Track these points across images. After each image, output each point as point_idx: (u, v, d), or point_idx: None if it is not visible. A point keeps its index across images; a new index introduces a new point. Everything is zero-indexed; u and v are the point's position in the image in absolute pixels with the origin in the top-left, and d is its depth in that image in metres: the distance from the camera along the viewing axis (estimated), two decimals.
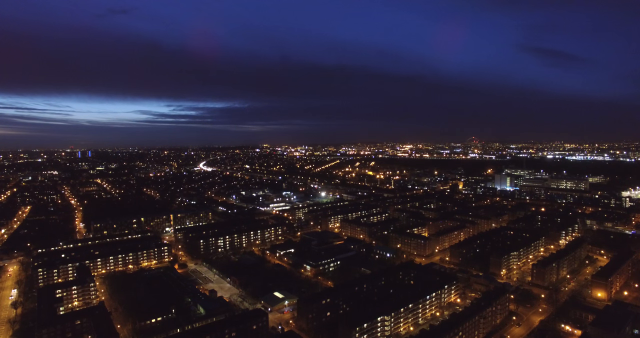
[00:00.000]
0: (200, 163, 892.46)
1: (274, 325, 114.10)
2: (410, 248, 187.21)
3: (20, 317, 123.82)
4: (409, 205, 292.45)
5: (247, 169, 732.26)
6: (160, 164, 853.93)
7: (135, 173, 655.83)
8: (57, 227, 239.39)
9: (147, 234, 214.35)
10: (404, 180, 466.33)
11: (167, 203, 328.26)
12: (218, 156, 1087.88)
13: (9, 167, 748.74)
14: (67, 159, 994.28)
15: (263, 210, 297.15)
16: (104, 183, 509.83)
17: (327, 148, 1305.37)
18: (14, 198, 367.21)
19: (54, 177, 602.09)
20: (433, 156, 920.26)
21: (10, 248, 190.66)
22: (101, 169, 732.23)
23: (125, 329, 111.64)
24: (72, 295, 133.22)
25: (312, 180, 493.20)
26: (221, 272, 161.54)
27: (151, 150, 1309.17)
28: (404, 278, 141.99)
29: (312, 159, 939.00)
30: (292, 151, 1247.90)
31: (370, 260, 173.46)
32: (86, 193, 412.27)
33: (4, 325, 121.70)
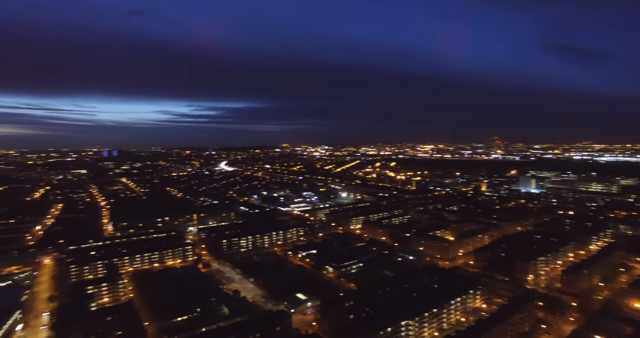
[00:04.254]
0: (221, 163, 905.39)
1: (296, 326, 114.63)
2: (433, 251, 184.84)
3: (56, 310, 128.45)
4: (430, 207, 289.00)
5: (267, 168, 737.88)
6: (182, 163, 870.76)
7: (159, 172, 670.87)
8: (86, 225, 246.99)
9: (172, 233, 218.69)
10: (425, 181, 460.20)
11: (190, 202, 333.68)
12: (239, 156, 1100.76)
13: (42, 166, 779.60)
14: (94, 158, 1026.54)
15: (284, 210, 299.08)
16: (129, 182, 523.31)
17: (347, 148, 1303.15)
18: (46, 196, 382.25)
19: (82, 176, 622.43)
20: (454, 157, 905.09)
21: (45, 245, 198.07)
22: (126, 168, 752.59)
23: (152, 327, 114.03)
24: (102, 291, 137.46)
25: (332, 181, 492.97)
26: (244, 272, 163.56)
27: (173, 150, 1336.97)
28: (428, 281, 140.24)
29: (332, 159, 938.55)
30: (312, 151, 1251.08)
31: (392, 262, 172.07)
32: (112, 192, 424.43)
33: (42, 316, 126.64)
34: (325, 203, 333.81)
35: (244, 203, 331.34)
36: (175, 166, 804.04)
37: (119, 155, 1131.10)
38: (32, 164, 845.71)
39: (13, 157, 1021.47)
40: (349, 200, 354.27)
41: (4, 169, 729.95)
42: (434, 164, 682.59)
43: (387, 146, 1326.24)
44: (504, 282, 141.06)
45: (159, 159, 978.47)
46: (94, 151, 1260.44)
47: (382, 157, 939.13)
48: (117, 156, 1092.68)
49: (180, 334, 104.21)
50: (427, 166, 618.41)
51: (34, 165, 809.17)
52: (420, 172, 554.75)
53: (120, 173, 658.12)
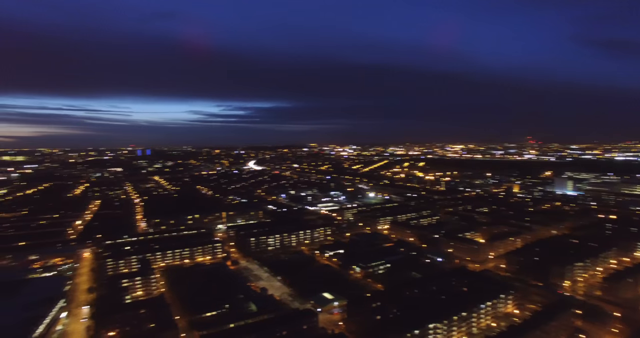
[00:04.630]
0: (249, 162, 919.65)
1: (323, 325, 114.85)
2: (462, 254, 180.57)
3: (94, 301, 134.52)
4: (460, 208, 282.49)
5: (295, 168, 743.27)
6: (212, 162, 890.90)
7: (190, 171, 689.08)
8: (121, 221, 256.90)
9: (202, 230, 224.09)
10: (454, 182, 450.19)
11: (219, 200, 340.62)
12: (267, 155, 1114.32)
13: (82, 164, 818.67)
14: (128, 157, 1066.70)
15: (311, 209, 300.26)
16: (161, 180, 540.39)
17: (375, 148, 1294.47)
18: (86, 193, 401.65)
19: (118, 173, 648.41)
20: (485, 157, 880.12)
21: (85, 239, 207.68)
22: (159, 166, 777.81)
23: (182, 321, 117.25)
24: (136, 285, 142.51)
25: (360, 181, 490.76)
26: (271, 270, 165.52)
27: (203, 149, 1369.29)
28: (457, 284, 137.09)
29: (359, 158, 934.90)
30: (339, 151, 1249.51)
31: (420, 264, 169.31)
32: (146, 189, 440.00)
33: (82, 307, 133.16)
34: (352, 203, 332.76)
35: (272, 202, 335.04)
36: (205, 165, 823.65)
37: (152, 153, 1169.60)
38: (73, 162, 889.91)
39: (57, 156, 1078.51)
40: (377, 200, 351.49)
41: (49, 166, 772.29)
42: (463, 164, 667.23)
43: (415, 146, 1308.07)
44: (537, 288, 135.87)
45: (190, 158, 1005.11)
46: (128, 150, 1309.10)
47: (411, 157, 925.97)
48: (150, 155, 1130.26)
49: (209, 329, 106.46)
50: (456, 166, 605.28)
51: (74, 163, 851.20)
52: (449, 172, 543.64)
53: (153, 172, 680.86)
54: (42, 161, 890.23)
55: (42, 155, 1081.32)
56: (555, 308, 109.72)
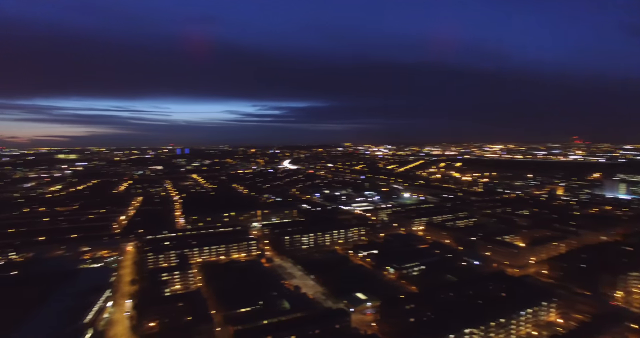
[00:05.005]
0: (284, 161, 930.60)
1: (355, 325, 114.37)
2: (501, 258, 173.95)
3: (136, 293, 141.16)
4: (498, 210, 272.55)
5: (329, 167, 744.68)
6: (247, 161, 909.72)
7: (226, 169, 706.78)
8: (161, 217, 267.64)
9: (237, 228, 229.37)
10: (493, 183, 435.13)
11: (255, 199, 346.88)
12: (301, 154, 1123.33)
13: (125, 162, 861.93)
14: (168, 155, 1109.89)
15: (345, 209, 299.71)
16: (199, 178, 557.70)
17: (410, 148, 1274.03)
18: (129, 190, 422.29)
19: (158, 171, 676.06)
20: (526, 157, 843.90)
21: (128, 233, 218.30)
22: (196, 165, 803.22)
23: (217, 315, 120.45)
24: (174, 279, 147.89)
25: (394, 181, 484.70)
26: (305, 268, 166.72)
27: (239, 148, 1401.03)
28: (495, 289, 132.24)
29: (394, 158, 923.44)
30: (374, 150, 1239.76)
31: (456, 266, 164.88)
32: (184, 187, 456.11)
33: (126, 297, 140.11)
34: (387, 203, 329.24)
35: (306, 201, 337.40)
36: (241, 164, 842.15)
37: (190, 152, 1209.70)
38: (118, 160, 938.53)
39: (104, 154, 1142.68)
40: (412, 200, 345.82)
41: (97, 164, 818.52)
42: (503, 164, 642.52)
43: (452, 146, 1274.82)
44: (585, 297, 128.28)
45: (226, 157, 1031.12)
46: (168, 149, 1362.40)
47: (447, 157, 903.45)
48: (188, 153, 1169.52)
49: (243, 324, 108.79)
50: (495, 167, 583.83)
51: (119, 161, 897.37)
52: (487, 173, 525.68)
53: (191, 170, 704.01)
54: (91, 159, 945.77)
55: (91, 154, 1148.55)
56: (606, 320, 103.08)
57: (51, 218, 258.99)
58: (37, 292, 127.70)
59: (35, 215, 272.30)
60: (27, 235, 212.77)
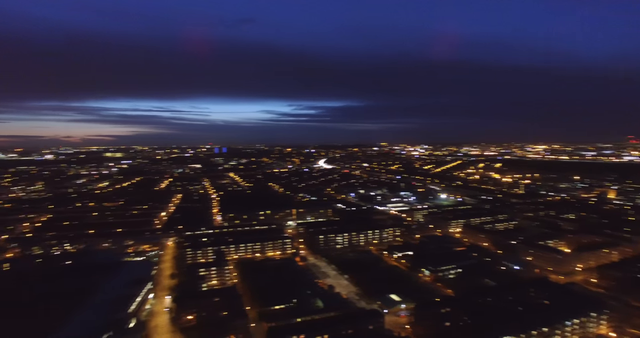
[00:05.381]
0: (320, 160, 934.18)
1: (389, 327, 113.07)
2: (543, 263, 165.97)
3: (175, 287, 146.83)
4: (541, 214, 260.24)
5: (365, 167, 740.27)
6: (283, 160, 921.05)
7: (262, 168, 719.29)
8: (200, 214, 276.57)
9: (272, 226, 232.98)
10: (535, 185, 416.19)
11: (290, 198, 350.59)
12: (337, 154, 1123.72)
13: (166, 160, 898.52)
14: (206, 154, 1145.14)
15: (381, 209, 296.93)
16: (236, 176, 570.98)
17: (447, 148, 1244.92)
18: (169, 187, 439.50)
19: (197, 170, 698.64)
20: (572, 158, 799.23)
21: (168, 229, 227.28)
22: (233, 163, 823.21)
23: (252, 311, 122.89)
24: (212, 275, 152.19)
25: (431, 181, 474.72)
26: (339, 268, 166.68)
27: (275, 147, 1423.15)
28: (536, 296, 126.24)
29: (431, 158, 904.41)
30: (410, 150, 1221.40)
31: (494, 271, 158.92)
32: (222, 185, 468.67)
33: (166, 290, 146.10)
34: (423, 204, 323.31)
35: (341, 200, 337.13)
36: (277, 163, 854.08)
37: (228, 151, 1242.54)
38: (160, 158, 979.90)
39: (147, 153, 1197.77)
40: (449, 202, 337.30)
41: (140, 162, 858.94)
42: (546, 166, 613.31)
43: (491, 146, 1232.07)
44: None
45: (263, 156, 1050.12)
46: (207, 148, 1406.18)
47: (486, 157, 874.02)
48: (226, 152, 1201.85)
49: (277, 321, 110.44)
50: (538, 168, 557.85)
51: (160, 159, 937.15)
52: (529, 174, 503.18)
53: (228, 168, 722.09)
54: (135, 157, 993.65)
55: (135, 152, 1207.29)
56: None
57: (99, 213, 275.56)
58: (88, 281, 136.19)
59: (86, 210, 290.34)
60: (79, 228, 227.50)
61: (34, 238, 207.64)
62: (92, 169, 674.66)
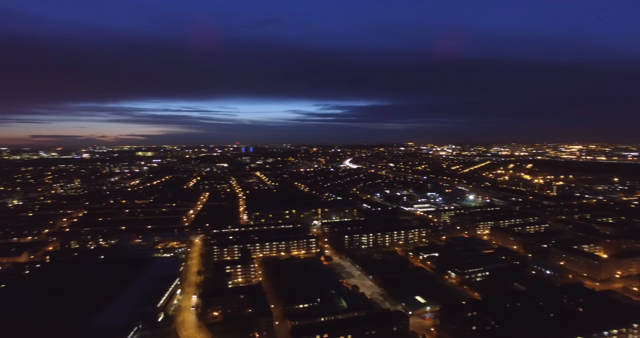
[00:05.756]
0: (345, 160, 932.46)
1: (413, 329, 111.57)
2: (578, 269, 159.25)
3: (202, 283, 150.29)
4: (576, 217, 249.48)
5: (391, 167, 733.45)
6: (309, 159, 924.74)
7: (288, 168, 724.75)
8: (226, 212, 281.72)
9: (298, 225, 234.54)
10: (569, 187, 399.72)
11: (315, 197, 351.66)
12: (363, 154, 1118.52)
13: (195, 159, 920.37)
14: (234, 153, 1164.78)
15: (407, 210, 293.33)
16: (262, 176, 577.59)
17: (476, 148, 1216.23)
18: (197, 186, 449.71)
19: (224, 169, 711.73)
20: (611, 159, 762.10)
21: (196, 227, 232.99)
22: (260, 163, 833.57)
23: (276, 310, 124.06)
24: (237, 272, 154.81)
25: (459, 182, 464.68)
26: (364, 268, 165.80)
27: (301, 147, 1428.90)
28: (570, 302, 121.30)
29: (459, 159, 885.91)
30: (437, 150, 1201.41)
31: (524, 275, 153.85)
32: (248, 184, 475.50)
33: (193, 287, 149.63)
34: (450, 205, 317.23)
35: (367, 200, 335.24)
36: (303, 162, 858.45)
37: (254, 150, 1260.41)
38: (188, 157, 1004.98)
39: (176, 152, 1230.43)
40: (477, 203, 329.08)
41: (170, 161, 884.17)
42: (582, 167, 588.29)
43: (522, 146, 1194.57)
44: None
45: (289, 155, 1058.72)
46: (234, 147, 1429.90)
47: (517, 158, 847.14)
48: (252, 152, 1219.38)
49: (300, 320, 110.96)
50: (572, 169, 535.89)
51: (189, 158, 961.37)
52: (563, 176, 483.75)
53: (254, 168, 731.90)
54: (165, 156, 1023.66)
55: (165, 151, 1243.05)
56: None
57: (130, 210, 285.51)
58: (120, 275, 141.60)
59: (118, 207, 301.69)
60: (112, 224, 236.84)
61: (72, 232, 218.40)
62: (124, 167, 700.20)
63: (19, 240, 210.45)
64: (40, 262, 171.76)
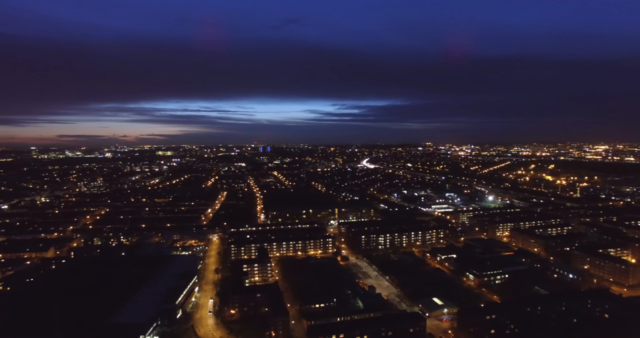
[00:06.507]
0: (363, 160, 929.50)
1: (430, 331, 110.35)
2: (604, 273, 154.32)
3: (219, 281, 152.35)
4: (601, 219, 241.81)
5: (409, 167, 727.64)
6: (326, 159, 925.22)
7: (305, 167, 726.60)
8: (244, 211, 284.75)
9: (314, 225, 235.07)
10: (594, 188, 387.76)
11: (332, 197, 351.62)
12: (380, 154, 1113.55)
13: (213, 159, 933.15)
14: (252, 153, 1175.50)
15: (424, 210, 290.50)
16: (280, 175, 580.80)
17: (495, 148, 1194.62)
18: (216, 185, 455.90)
19: (242, 168, 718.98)
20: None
21: (214, 225, 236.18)
22: (277, 162, 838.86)
23: (293, 309, 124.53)
24: (254, 271, 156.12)
25: (478, 182, 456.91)
26: (380, 269, 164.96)
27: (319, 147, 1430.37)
28: (595, 308, 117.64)
29: (478, 159, 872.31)
30: (456, 150, 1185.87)
31: (545, 278, 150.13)
32: (265, 183, 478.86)
33: (211, 284, 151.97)
34: (469, 206, 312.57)
35: (384, 201, 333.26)
36: (320, 162, 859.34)
37: (272, 150, 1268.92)
38: (207, 157, 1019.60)
39: (195, 151, 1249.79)
40: (496, 204, 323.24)
41: (189, 160, 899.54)
42: (608, 168, 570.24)
43: (544, 146, 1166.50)
44: None
45: (306, 155, 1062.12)
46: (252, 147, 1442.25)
47: (538, 158, 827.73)
48: (270, 151, 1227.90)
49: (316, 320, 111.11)
50: (598, 170, 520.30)
51: (208, 158, 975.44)
52: (587, 177, 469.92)
53: (272, 167, 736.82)
54: (184, 156, 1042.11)
55: (184, 151, 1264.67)
56: None
57: (150, 209, 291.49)
58: (140, 273, 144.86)
59: (139, 205, 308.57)
60: (133, 222, 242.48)
61: (95, 230, 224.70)
62: (145, 167, 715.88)
63: (46, 236, 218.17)
64: (65, 257, 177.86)
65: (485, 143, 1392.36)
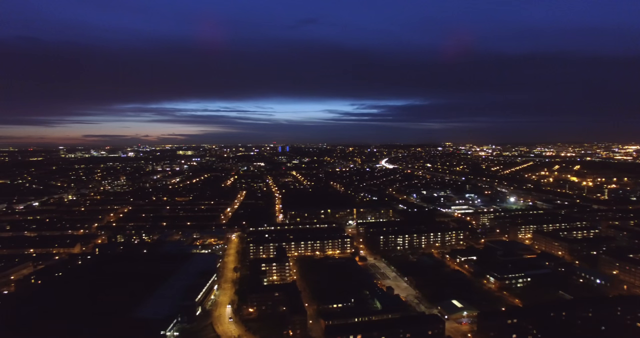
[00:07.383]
0: (382, 160, 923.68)
1: (449, 334, 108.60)
2: (635, 279, 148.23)
3: (238, 280, 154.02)
4: (631, 223, 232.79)
5: (428, 167, 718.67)
6: (345, 159, 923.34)
7: (324, 167, 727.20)
8: (262, 211, 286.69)
9: (333, 225, 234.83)
10: (624, 190, 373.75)
11: (351, 197, 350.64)
12: (399, 154, 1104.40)
13: (232, 158, 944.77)
14: (270, 153, 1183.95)
15: (444, 211, 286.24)
16: (298, 175, 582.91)
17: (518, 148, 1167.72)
18: (235, 184, 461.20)
19: (261, 168, 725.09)
20: None
21: (233, 224, 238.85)
22: (296, 162, 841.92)
23: (310, 309, 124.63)
24: (273, 270, 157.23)
25: (499, 183, 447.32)
26: (399, 270, 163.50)
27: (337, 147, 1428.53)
28: (624, 315, 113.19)
29: (499, 159, 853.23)
30: (477, 150, 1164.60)
31: (570, 283, 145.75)
32: (284, 183, 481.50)
33: (229, 283, 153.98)
34: (489, 207, 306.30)
35: (403, 201, 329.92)
36: (338, 162, 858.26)
37: (291, 150, 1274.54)
38: (226, 156, 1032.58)
39: (215, 151, 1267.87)
40: (518, 205, 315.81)
41: (209, 160, 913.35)
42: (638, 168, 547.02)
43: (569, 146, 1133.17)
44: None
45: (325, 155, 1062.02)
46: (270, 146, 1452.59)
47: (563, 159, 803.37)
48: (289, 151, 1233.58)
49: (334, 320, 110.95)
50: (628, 172, 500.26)
51: (227, 157, 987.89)
52: (616, 178, 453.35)
53: (291, 167, 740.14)
54: (204, 155, 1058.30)
55: (204, 150, 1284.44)
56: None
57: (171, 207, 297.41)
58: (161, 270, 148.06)
59: (160, 204, 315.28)
60: (154, 220, 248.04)
61: (118, 227, 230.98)
62: (166, 166, 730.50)
63: (73, 232, 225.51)
64: (90, 253, 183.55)
65: (507, 143, 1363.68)
